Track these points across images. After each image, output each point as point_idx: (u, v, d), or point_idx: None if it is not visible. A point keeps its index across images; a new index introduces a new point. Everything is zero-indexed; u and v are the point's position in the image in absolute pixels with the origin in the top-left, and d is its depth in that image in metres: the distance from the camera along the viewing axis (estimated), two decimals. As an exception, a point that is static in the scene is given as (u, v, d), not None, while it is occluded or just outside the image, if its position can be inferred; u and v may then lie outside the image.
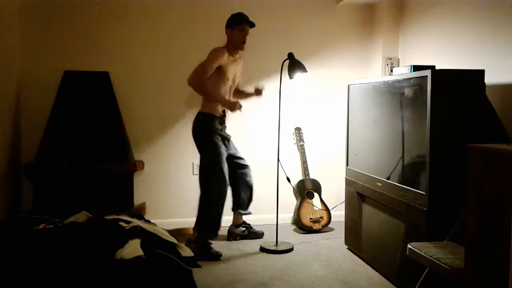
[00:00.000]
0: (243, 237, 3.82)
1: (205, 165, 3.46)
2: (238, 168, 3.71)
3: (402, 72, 2.90)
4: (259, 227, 3.99)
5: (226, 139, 3.60)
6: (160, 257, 2.09)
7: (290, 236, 3.90)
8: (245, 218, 3.90)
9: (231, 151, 3.67)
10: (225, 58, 3.42)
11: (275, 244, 3.55)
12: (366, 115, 3.26)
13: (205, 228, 3.45)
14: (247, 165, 3.75)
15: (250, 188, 3.77)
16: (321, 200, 4.12)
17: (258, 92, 3.75)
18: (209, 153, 3.45)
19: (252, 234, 3.84)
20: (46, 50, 3.87)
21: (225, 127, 3.62)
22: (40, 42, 3.86)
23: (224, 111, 3.57)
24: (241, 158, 3.74)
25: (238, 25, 3.45)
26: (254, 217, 3.96)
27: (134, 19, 4.00)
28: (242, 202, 3.76)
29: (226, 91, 3.53)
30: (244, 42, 3.49)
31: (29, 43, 3.84)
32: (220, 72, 3.42)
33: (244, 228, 3.85)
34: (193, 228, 3.53)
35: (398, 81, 2.79)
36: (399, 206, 2.74)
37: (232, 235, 3.82)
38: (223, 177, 3.43)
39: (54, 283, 1.87)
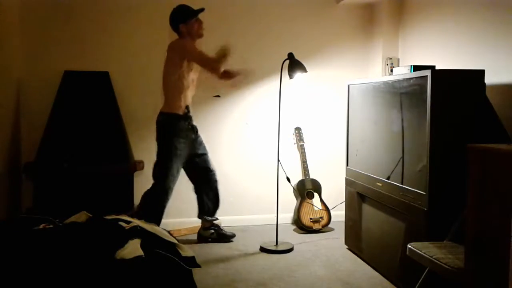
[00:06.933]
0: (213, 240, 3.68)
1: None
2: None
3: (402, 72, 2.90)
4: (259, 227, 3.99)
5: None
6: (160, 257, 2.09)
7: (290, 236, 3.90)
8: (244, 219, 3.89)
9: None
10: None
11: (275, 244, 3.55)
12: (366, 115, 3.26)
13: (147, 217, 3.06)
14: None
15: (215, 193, 3.66)
16: (321, 200, 4.12)
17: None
18: None
19: (221, 236, 3.69)
20: (46, 50, 3.86)
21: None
22: (40, 42, 3.85)
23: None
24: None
25: (192, 18, 3.43)
26: (254, 217, 3.96)
27: (134, 19, 4.00)
28: (207, 209, 3.65)
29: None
30: (202, 32, 3.48)
31: (29, 43, 3.83)
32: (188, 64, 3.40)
33: (213, 231, 3.69)
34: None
35: (398, 81, 2.79)
36: (399, 206, 2.74)
37: (202, 238, 3.69)
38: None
39: (54, 283, 1.87)
